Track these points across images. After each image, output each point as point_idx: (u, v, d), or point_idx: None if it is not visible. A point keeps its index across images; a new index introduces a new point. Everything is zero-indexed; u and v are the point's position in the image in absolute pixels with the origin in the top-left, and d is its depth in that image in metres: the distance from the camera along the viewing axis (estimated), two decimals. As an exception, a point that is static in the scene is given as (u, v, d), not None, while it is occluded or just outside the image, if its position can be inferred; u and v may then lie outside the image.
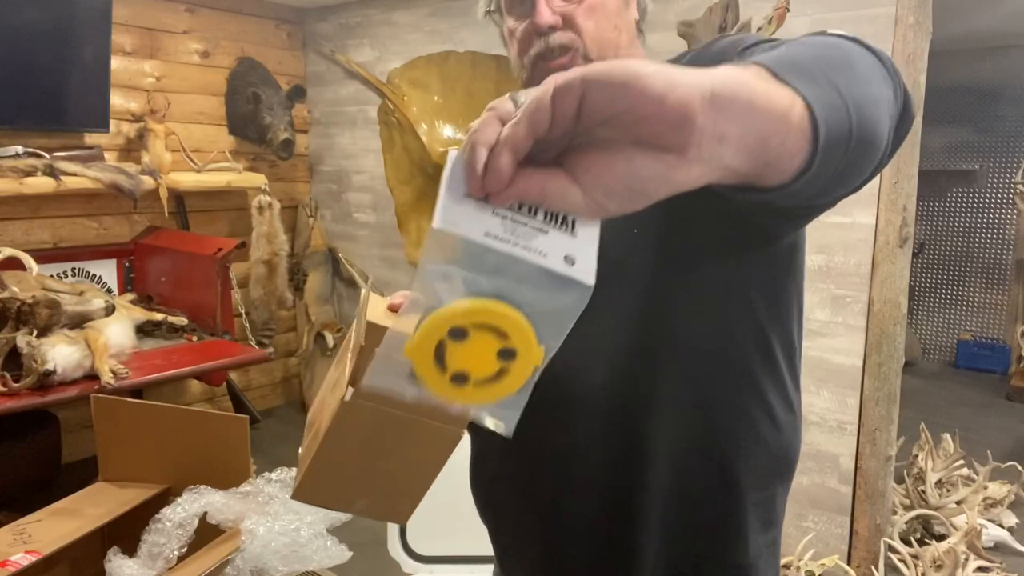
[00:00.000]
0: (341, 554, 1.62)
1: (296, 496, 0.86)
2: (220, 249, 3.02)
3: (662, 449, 0.81)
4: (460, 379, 0.45)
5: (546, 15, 0.84)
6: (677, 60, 0.82)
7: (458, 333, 0.43)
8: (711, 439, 0.82)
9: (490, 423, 0.50)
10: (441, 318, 0.42)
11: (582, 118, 0.38)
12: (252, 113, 3.64)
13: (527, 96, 0.40)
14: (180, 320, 3.03)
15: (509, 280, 0.41)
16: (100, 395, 1.92)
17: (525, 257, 0.40)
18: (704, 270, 0.80)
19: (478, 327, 0.43)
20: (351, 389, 0.75)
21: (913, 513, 2.63)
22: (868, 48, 0.62)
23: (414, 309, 0.43)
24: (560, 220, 0.42)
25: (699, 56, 0.79)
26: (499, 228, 0.40)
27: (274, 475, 1.83)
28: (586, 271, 0.41)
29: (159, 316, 3.00)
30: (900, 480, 2.83)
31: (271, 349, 3.10)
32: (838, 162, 0.49)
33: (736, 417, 0.83)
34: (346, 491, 0.87)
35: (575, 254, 0.41)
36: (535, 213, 0.41)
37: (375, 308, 0.83)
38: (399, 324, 0.44)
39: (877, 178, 2.32)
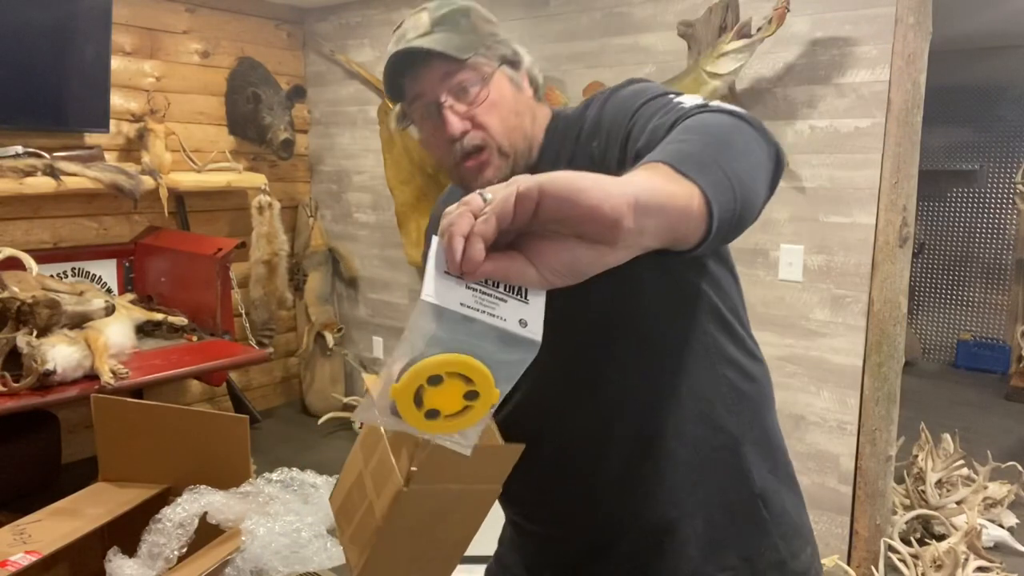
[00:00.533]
0: (341, 555, 1.62)
1: None
2: (220, 249, 3.02)
3: (670, 430, 0.97)
4: (432, 414, 0.57)
5: (455, 124, 0.95)
6: (594, 99, 0.98)
7: (435, 379, 0.54)
8: (706, 409, 0.98)
9: (451, 445, 0.63)
10: (422, 368, 0.54)
11: (537, 218, 0.51)
12: (252, 113, 3.64)
13: (493, 194, 0.52)
14: (180, 320, 3.03)
15: (475, 338, 0.53)
16: (100, 395, 1.92)
17: (489, 322, 0.53)
18: (659, 283, 0.95)
19: (450, 375, 0.55)
20: (402, 479, 0.84)
21: (913, 513, 2.63)
22: (741, 118, 0.76)
23: (402, 356, 0.55)
24: (516, 290, 0.54)
25: (612, 95, 0.96)
26: (470, 299, 0.52)
27: (274, 475, 1.83)
28: (535, 331, 0.54)
29: (159, 316, 3.00)
30: (900, 480, 2.83)
31: (271, 349, 3.10)
32: (729, 225, 0.64)
33: (718, 384, 0.99)
34: (400, 568, 0.95)
35: (527, 318, 0.54)
36: (497, 285, 0.53)
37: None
38: (391, 368, 0.56)
39: (877, 178, 2.32)
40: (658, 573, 1.00)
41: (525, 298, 0.55)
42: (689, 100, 0.84)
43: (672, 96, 0.89)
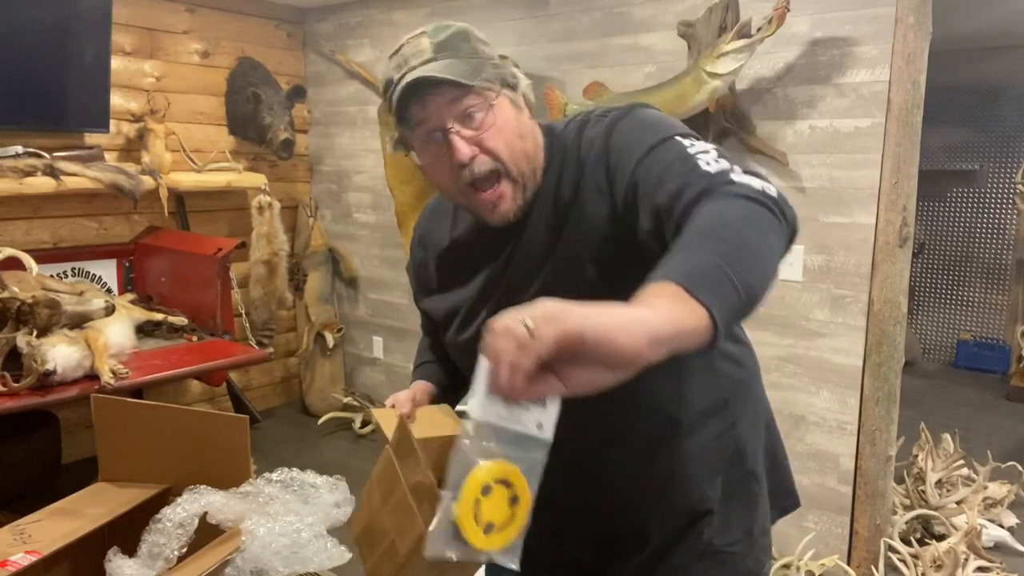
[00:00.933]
0: (341, 555, 1.62)
1: None
2: (220, 249, 3.02)
3: (682, 427, 1.03)
4: (488, 528, 0.65)
5: (464, 151, 0.95)
6: (590, 121, 1.00)
7: (486, 489, 0.64)
8: (708, 402, 1.05)
9: (508, 563, 0.70)
10: (476, 479, 0.63)
11: (573, 355, 0.60)
12: (252, 113, 3.64)
13: (533, 322, 0.60)
14: (180, 320, 3.03)
15: (505, 445, 0.64)
16: (100, 395, 1.92)
17: (518, 430, 0.65)
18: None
19: (497, 482, 0.64)
20: (425, 526, 0.86)
21: (913, 513, 2.63)
22: (761, 202, 0.78)
23: (456, 475, 0.65)
24: (539, 399, 0.64)
25: (617, 124, 0.96)
26: (504, 412, 0.64)
27: (274, 475, 1.82)
28: (548, 432, 0.66)
29: (159, 316, 3.00)
30: (900, 480, 2.83)
31: (271, 349, 3.10)
32: (733, 325, 0.72)
33: (716, 377, 1.06)
34: None
35: (543, 421, 0.65)
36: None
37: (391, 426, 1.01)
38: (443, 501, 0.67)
39: (877, 178, 2.32)
40: (672, 558, 1.07)
41: (544, 405, 0.66)
42: (710, 161, 0.84)
43: (688, 146, 0.88)
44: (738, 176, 0.81)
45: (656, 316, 0.63)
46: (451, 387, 1.22)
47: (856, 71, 2.35)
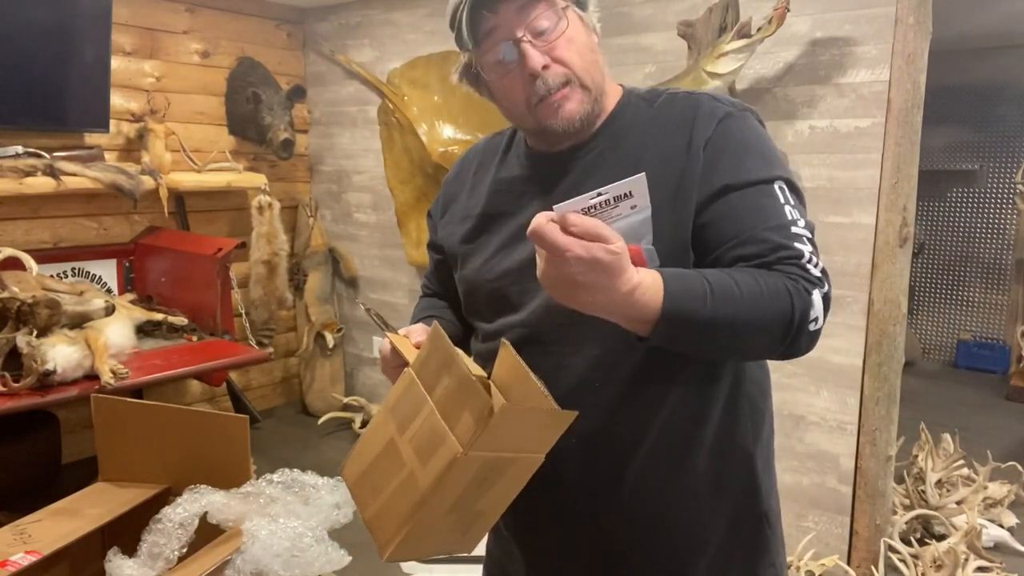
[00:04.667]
0: (341, 558, 1.62)
1: (391, 558, 0.89)
2: (220, 249, 3.02)
3: (696, 445, 0.98)
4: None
5: (537, 59, 0.93)
6: (697, 97, 0.98)
7: None
8: (729, 426, 0.99)
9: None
10: None
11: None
12: (252, 113, 3.64)
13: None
14: (180, 320, 3.03)
15: None
16: (100, 395, 1.92)
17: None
18: None
19: None
20: (460, 445, 0.81)
21: (913, 513, 2.63)
22: (791, 295, 0.83)
23: None
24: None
25: (728, 121, 0.95)
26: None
27: (275, 476, 1.83)
28: None
29: (159, 316, 3.00)
30: (900, 480, 2.83)
31: (271, 349, 3.10)
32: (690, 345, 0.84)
33: (740, 402, 1.00)
34: (436, 541, 0.91)
35: None
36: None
37: (411, 349, 0.95)
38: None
39: (877, 178, 2.32)
40: None
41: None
42: (799, 238, 0.87)
43: (780, 191, 0.90)
44: (807, 267, 0.85)
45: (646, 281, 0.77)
46: (456, 341, 1.14)
47: (856, 71, 2.35)
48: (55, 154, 2.92)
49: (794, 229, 0.87)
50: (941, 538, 2.59)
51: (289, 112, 3.72)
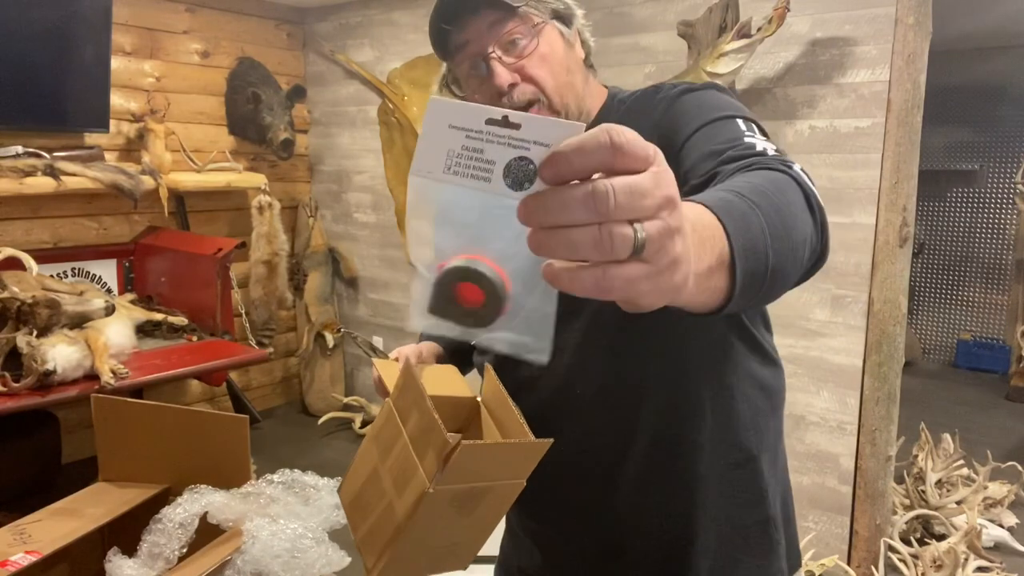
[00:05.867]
0: (341, 559, 1.62)
1: None
2: (220, 249, 3.02)
3: (688, 442, 0.95)
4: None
5: (503, 76, 0.91)
6: (663, 87, 0.93)
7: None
8: (725, 425, 0.95)
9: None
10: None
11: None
12: (252, 113, 3.64)
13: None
14: (180, 320, 3.03)
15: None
16: (100, 395, 1.92)
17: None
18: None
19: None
20: (428, 480, 0.82)
21: (913, 513, 2.63)
22: (800, 185, 0.70)
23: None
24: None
25: (688, 93, 0.90)
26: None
27: (276, 476, 1.82)
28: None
29: (159, 316, 3.00)
30: (900, 480, 2.83)
31: (271, 349, 3.10)
32: (751, 299, 0.60)
33: (738, 400, 0.96)
34: (421, 563, 0.93)
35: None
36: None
37: (393, 375, 0.94)
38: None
39: (877, 178, 2.32)
40: None
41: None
42: (767, 148, 0.78)
43: (745, 129, 0.82)
44: (794, 166, 0.75)
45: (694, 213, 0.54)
46: (458, 350, 1.14)
47: (856, 71, 2.35)
48: (55, 154, 2.92)
49: (756, 142, 0.79)
50: (941, 538, 2.59)
51: (289, 112, 3.72)
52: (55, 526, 1.65)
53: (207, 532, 1.63)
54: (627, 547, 1.00)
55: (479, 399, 0.96)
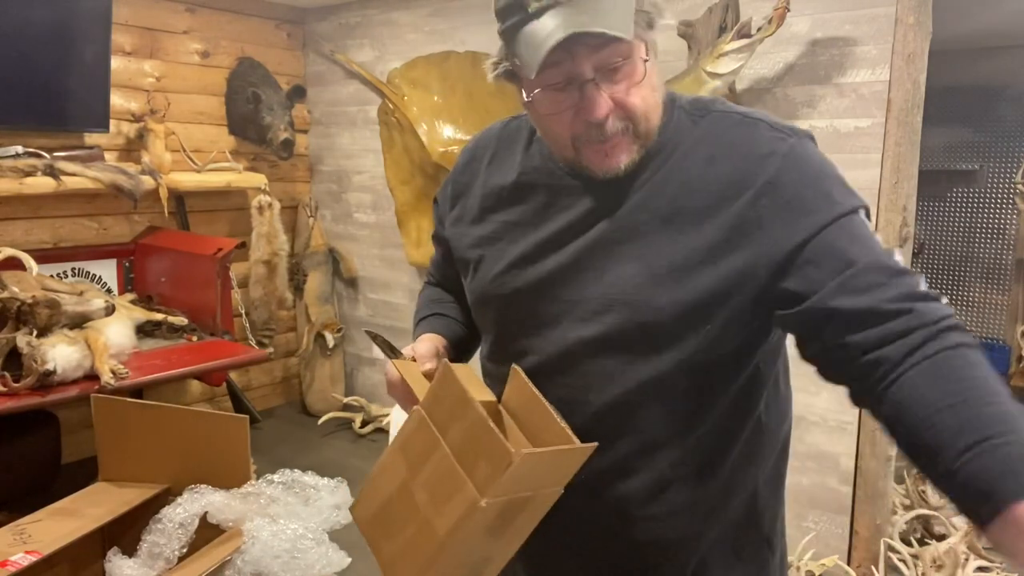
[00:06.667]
0: (341, 560, 1.62)
1: None
2: (220, 249, 3.02)
3: (695, 466, 0.93)
4: None
5: (603, 108, 0.84)
6: (750, 123, 0.89)
7: None
8: (732, 449, 0.94)
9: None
10: None
11: None
12: (252, 113, 3.64)
13: None
14: (180, 320, 3.03)
15: None
16: (100, 395, 1.92)
17: None
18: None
19: None
20: (479, 492, 0.78)
21: (913, 513, 2.63)
22: (973, 346, 0.75)
23: None
24: None
25: (792, 156, 0.86)
26: None
27: (275, 476, 1.83)
28: None
29: (159, 316, 3.00)
30: (900, 480, 2.82)
31: (271, 349, 3.10)
32: None
33: (747, 425, 0.94)
34: None
35: None
36: None
37: (418, 379, 0.91)
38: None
39: (877, 178, 2.32)
40: None
41: None
42: (900, 270, 0.78)
43: (869, 235, 0.81)
44: (938, 306, 0.77)
45: None
46: (462, 343, 1.09)
47: (856, 71, 2.35)
48: (55, 154, 2.92)
49: (894, 266, 0.79)
50: (941, 538, 2.59)
51: (289, 112, 3.72)
52: (55, 526, 1.65)
53: (207, 532, 1.64)
54: (624, 566, 0.98)
55: (499, 405, 0.92)
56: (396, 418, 2.15)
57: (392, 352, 0.98)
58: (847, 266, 0.79)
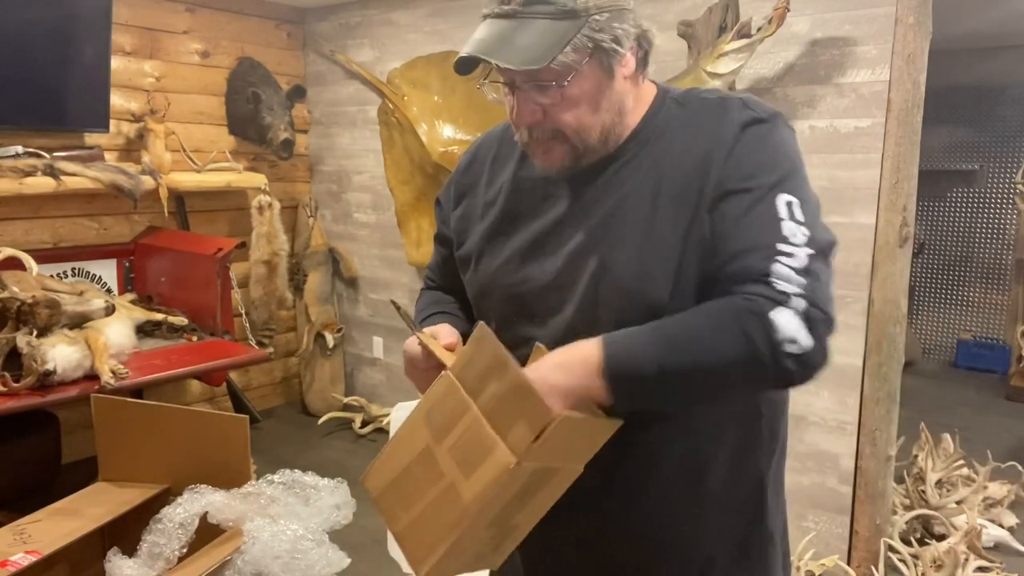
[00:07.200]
0: (341, 560, 1.62)
1: (428, 575, 0.83)
2: (220, 249, 3.02)
3: (711, 468, 0.96)
4: None
5: (526, 117, 0.90)
6: (732, 105, 0.93)
7: None
8: (743, 450, 0.97)
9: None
10: None
11: None
12: (252, 113, 3.64)
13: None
14: (180, 320, 3.03)
15: None
16: (100, 395, 1.92)
17: None
18: None
19: None
20: (513, 454, 0.77)
21: (913, 513, 2.63)
22: (755, 341, 0.78)
23: None
24: None
25: (753, 128, 0.90)
26: None
27: (276, 477, 1.82)
28: None
29: (159, 316, 3.00)
30: (900, 480, 2.83)
31: (271, 349, 3.10)
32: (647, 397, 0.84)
33: (757, 425, 0.98)
34: (471, 555, 0.86)
35: None
36: None
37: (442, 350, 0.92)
38: None
39: (877, 178, 2.32)
40: None
41: None
42: (786, 255, 0.81)
43: (782, 205, 0.85)
44: (778, 285, 0.79)
45: (569, 386, 0.80)
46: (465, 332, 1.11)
47: (856, 71, 2.35)
48: (55, 154, 2.92)
49: (780, 246, 0.81)
50: (941, 538, 2.59)
51: (289, 112, 3.72)
52: (55, 526, 1.65)
53: (207, 532, 1.64)
54: (637, 565, 0.99)
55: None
56: (397, 417, 2.14)
57: (416, 326, 0.98)
58: (725, 250, 0.85)
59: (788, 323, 0.78)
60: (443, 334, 0.98)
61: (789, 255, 0.81)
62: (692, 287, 0.87)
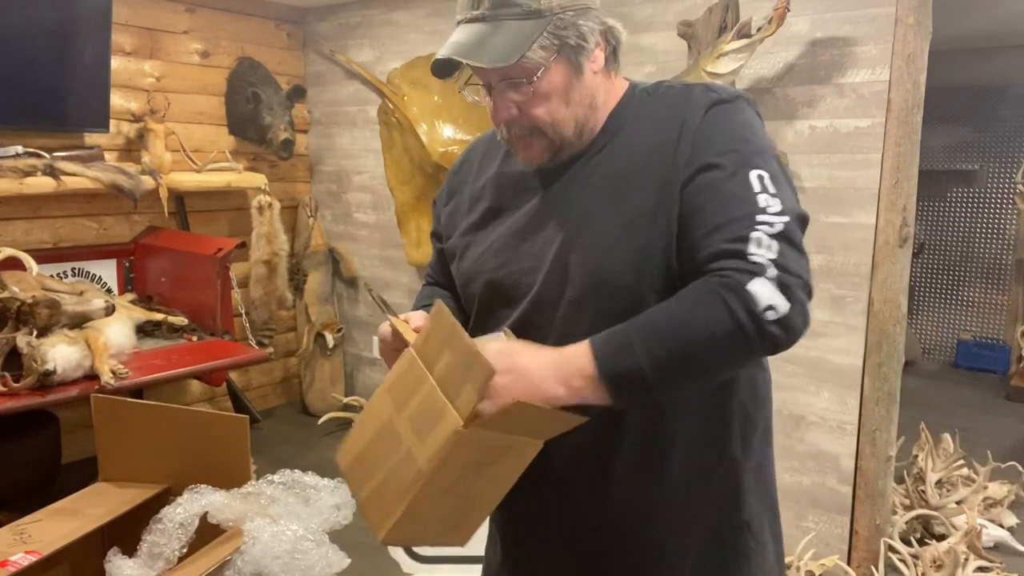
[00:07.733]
0: (341, 560, 1.62)
1: (387, 540, 0.87)
2: (220, 249, 3.02)
3: (678, 452, 0.98)
4: None
5: (502, 113, 0.96)
6: (696, 91, 0.96)
7: None
8: (716, 435, 0.99)
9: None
10: None
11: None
12: (252, 113, 3.64)
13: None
14: (180, 320, 3.03)
15: None
16: (100, 395, 1.92)
17: None
18: None
19: None
20: (461, 418, 0.80)
21: (913, 513, 2.63)
22: (735, 314, 0.80)
23: None
24: None
25: (718, 108, 0.93)
26: None
27: (276, 476, 1.82)
28: None
29: (159, 316, 3.00)
30: (900, 480, 2.83)
31: (271, 349, 3.10)
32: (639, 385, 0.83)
33: (731, 410, 1.00)
34: (431, 526, 0.89)
35: None
36: None
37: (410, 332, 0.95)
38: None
39: (877, 178, 2.32)
40: None
41: None
42: (767, 225, 0.83)
43: (754, 178, 0.87)
44: (752, 254, 0.81)
45: (561, 393, 0.83)
46: None
47: (856, 71, 2.35)
48: (55, 154, 2.91)
49: (758, 216, 0.84)
50: (941, 538, 2.59)
51: (289, 112, 3.72)
52: (55, 526, 1.65)
53: (207, 532, 1.64)
54: (610, 549, 1.01)
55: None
56: None
57: (388, 309, 1.04)
58: (699, 228, 0.88)
59: (764, 291, 0.80)
60: (414, 318, 1.03)
61: (767, 224, 0.84)
62: (659, 266, 0.90)
